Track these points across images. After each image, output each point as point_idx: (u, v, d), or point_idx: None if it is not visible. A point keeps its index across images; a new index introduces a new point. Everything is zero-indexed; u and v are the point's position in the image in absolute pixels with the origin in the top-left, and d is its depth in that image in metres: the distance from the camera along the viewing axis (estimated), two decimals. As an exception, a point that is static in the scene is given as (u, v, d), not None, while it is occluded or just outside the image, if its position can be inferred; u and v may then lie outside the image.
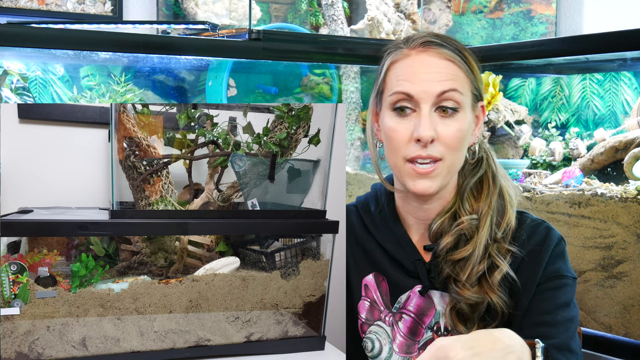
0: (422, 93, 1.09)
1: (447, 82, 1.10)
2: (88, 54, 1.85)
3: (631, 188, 1.77)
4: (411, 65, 1.12)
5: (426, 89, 1.09)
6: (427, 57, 1.12)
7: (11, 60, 1.90)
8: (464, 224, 1.14)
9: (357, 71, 2.49)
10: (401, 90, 1.10)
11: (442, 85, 1.09)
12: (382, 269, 1.22)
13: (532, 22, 2.59)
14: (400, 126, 1.11)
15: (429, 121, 1.09)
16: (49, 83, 2.03)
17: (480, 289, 1.11)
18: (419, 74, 1.10)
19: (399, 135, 1.11)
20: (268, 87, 2.42)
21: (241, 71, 2.29)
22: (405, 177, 1.12)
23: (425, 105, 1.09)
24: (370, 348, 1.21)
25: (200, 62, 2.15)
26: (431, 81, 1.09)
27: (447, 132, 1.09)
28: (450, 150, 1.10)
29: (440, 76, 1.10)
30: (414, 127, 1.09)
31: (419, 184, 1.11)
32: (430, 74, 1.10)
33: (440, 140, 1.09)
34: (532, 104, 2.55)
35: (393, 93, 1.12)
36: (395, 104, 1.12)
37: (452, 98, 1.10)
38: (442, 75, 1.10)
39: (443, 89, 1.09)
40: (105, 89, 2.05)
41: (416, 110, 1.10)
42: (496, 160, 1.22)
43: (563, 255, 1.15)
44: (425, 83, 1.09)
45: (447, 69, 1.11)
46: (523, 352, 0.94)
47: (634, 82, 2.31)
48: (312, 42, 2.10)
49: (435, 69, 1.10)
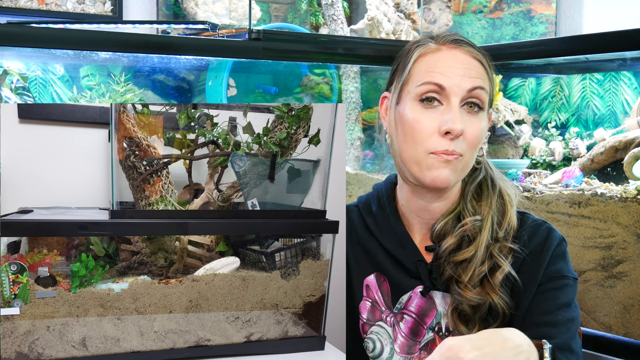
0: (454, 86, 1.10)
1: (477, 79, 1.12)
2: (88, 54, 1.85)
3: (631, 188, 1.77)
4: (444, 59, 1.13)
5: (459, 82, 1.10)
6: (459, 53, 1.14)
7: (11, 60, 1.90)
8: (467, 225, 1.14)
9: (357, 71, 2.49)
10: (433, 81, 1.11)
11: (473, 81, 1.11)
12: (384, 270, 1.22)
13: (532, 22, 2.59)
14: (425, 117, 1.11)
15: (460, 114, 1.10)
16: (49, 83, 2.03)
17: (482, 289, 1.11)
18: (452, 68, 1.12)
19: (423, 127, 1.10)
20: (268, 87, 2.42)
21: (241, 71, 2.29)
22: (426, 169, 1.11)
23: (456, 98, 1.10)
24: (372, 348, 1.21)
25: (200, 62, 2.15)
26: (463, 76, 1.11)
27: (472, 129, 1.11)
28: (470, 148, 1.11)
29: (472, 72, 1.12)
30: (442, 119, 1.10)
31: (439, 173, 1.10)
32: (462, 69, 1.12)
33: (465, 135, 1.10)
34: (532, 103, 2.55)
35: (423, 83, 1.12)
36: (423, 94, 1.12)
37: (480, 96, 1.12)
38: (473, 72, 1.12)
39: (474, 85, 1.11)
40: (105, 88, 2.05)
41: (443, 104, 1.11)
42: (491, 163, 1.23)
43: (564, 255, 1.15)
44: (458, 77, 1.11)
45: (477, 67, 1.13)
46: (531, 352, 0.94)
47: (634, 82, 2.31)
48: (312, 42, 2.10)
49: (468, 66, 1.12)
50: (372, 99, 2.54)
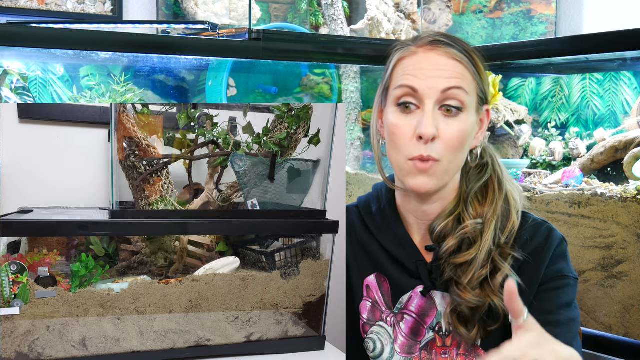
0: (427, 88, 1.09)
1: (453, 79, 1.10)
2: (88, 54, 1.85)
3: (631, 188, 1.77)
4: (418, 62, 1.12)
5: (431, 84, 1.09)
6: (434, 55, 1.12)
7: (11, 60, 1.90)
8: (468, 228, 1.13)
9: (357, 71, 2.49)
10: (406, 84, 1.11)
11: (448, 82, 1.09)
12: (384, 270, 1.22)
13: (532, 22, 2.59)
14: (403, 122, 1.11)
15: (432, 118, 1.08)
16: (49, 83, 2.03)
17: (482, 291, 1.11)
18: (425, 70, 1.11)
19: (401, 131, 1.11)
20: (268, 87, 2.42)
21: (241, 71, 2.29)
22: (406, 175, 1.12)
23: (429, 101, 1.09)
24: (372, 348, 1.21)
25: (200, 62, 2.15)
26: (437, 77, 1.10)
27: (448, 132, 1.09)
28: (449, 151, 1.10)
29: (447, 73, 1.10)
30: (417, 123, 1.09)
31: (417, 181, 1.10)
32: (436, 70, 1.11)
33: (441, 139, 1.09)
34: (532, 103, 2.55)
35: (398, 86, 1.12)
36: (399, 98, 1.12)
37: (457, 96, 1.10)
38: (449, 72, 1.10)
39: (448, 85, 1.09)
40: (105, 89, 2.05)
41: (420, 107, 1.10)
42: (502, 165, 1.22)
43: (565, 255, 1.15)
44: (431, 79, 1.10)
45: (454, 67, 1.11)
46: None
47: (634, 82, 2.31)
48: (312, 42, 2.10)
49: (442, 67, 1.11)
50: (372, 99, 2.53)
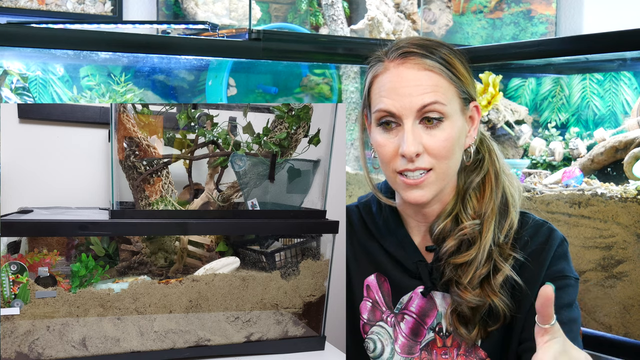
0: (402, 109, 1.08)
1: (428, 95, 1.08)
2: (88, 54, 1.85)
3: (631, 188, 1.77)
4: (390, 81, 1.10)
5: (406, 104, 1.08)
6: (405, 70, 1.10)
7: (11, 60, 1.90)
8: (466, 229, 1.13)
9: (357, 71, 2.49)
10: (382, 109, 1.10)
11: (423, 99, 1.08)
12: (384, 270, 1.22)
13: (532, 22, 2.59)
14: (387, 141, 1.11)
15: (412, 136, 1.08)
16: (49, 83, 2.03)
17: (482, 291, 1.11)
18: (399, 89, 1.09)
19: (386, 150, 1.11)
20: (268, 87, 2.42)
21: (241, 71, 2.29)
22: (398, 188, 1.13)
23: (408, 120, 1.08)
24: (372, 348, 1.21)
25: (200, 62, 2.15)
26: (411, 95, 1.08)
27: (433, 143, 1.09)
28: (440, 160, 1.10)
29: (420, 89, 1.08)
30: (399, 141, 1.09)
31: (411, 195, 1.11)
32: (409, 87, 1.08)
33: (428, 151, 1.09)
34: (532, 104, 2.55)
35: (376, 111, 1.12)
36: (379, 120, 1.12)
37: (435, 109, 1.08)
38: (422, 88, 1.08)
39: (423, 102, 1.08)
40: (105, 89, 2.05)
41: (400, 125, 1.10)
42: (501, 157, 1.21)
43: (566, 255, 1.15)
44: (405, 98, 1.08)
45: (428, 80, 1.09)
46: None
47: (634, 82, 2.31)
48: (312, 42, 2.10)
49: (414, 82, 1.09)
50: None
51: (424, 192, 1.10)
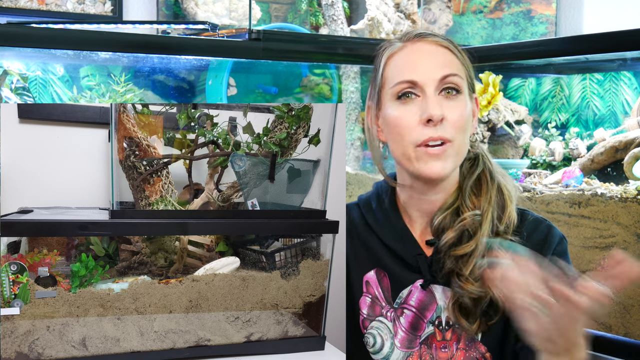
0: (425, 79, 1.12)
1: (446, 67, 1.13)
2: (88, 54, 1.85)
3: (631, 188, 1.77)
4: (410, 54, 1.15)
5: (429, 74, 1.12)
6: (424, 44, 1.15)
7: (11, 60, 1.90)
8: (467, 220, 1.14)
9: (357, 71, 2.49)
10: (405, 79, 1.13)
11: (443, 70, 1.12)
12: (384, 265, 1.22)
13: (532, 22, 2.59)
14: (406, 112, 1.13)
15: (437, 101, 1.11)
16: (49, 83, 2.03)
17: (483, 282, 1.11)
18: (419, 61, 1.14)
19: (404, 121, 1.12)
20: (268, 87, 2.42)
21: (241, 71, 2.29)
22: (417, 162, 1.12)
23: (430, 88, 1.12)
24: (372, 343, 1.21)
25: (200, 62, 2.15)
26: (433, 66, 1.13)
27: (453, 113, 1.12)
28: (458, 131, 1.12)
29: (440, 61, 1.13)
30: (422, 110, 1.11)
31: (433, 167, 1.11)
32: (430, 59, 1.14)
33: (449, 120, 1.11)
34: (532, 104, 2.55)
35: (397, 83, 1.14)
36: (399, 93, 1.14)
37: (453, 81, 1.13)
38: (441, 61, 1.14)
39: (444, 73, 1.12)
40: (105, 89, 2.05)
41: (420, 95, 1.12)
42: (491, 158, 1.24)
43: (565, 253, 1.15)
44: (427, 69, 1.12)
45: (444, 55, 1.15)
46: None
47: (634, 82, 2.30)
48: (312, 42, 2.10)
49: (434, 55, 1.14)
50: (372, 99, 2.53)
51: (445, 164, 1.11)
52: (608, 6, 2.42)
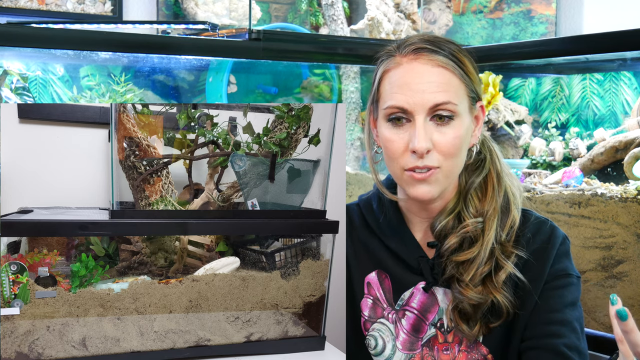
0: (414, 105, 1.08)
1: (440, 93, 1.08)
2: (88, 54, 1.85)
3: (631, 188, 1.77)
4: (403, 76, 1.10)
5: (419, 101, 1.08)
6: (418, 65, 1.10)
7: (11, 60, 1.90)
8: (469, 227, 1.13)
9: (357, 71, 2.49)
10: (395, 105, 1.10)
11: (435, 97, 1.08)
12: (385, 267, 1.22)
13: (532, 22, 2.59)
14: (396, 136, 1.11)
15: (424, 132, 1.08)
16: (49, 83, 2.03)
17: (485, 288, 1.11)
18: (412, 85, 1.09)
19: (395, 145, 1.11)
20: (268, 87, 2.42)
21: (241, 71, 2.29)
22: (405, 185, 1.12)
23: (419, 116, 1.08)
24: (374, 345, 1.21)
25: (200, 62, 2.15)
26: (424, 92, 1.08)
27: (443, 140, 1.09)
28: (447, 158, 1.10)
29: (433, 86, 1.08)
30: (410, 137, 1.09)
31: (418, 190, 1.10)
32: (422, 84, 1.08)
33: (437, 148, 1.09)
34: (532, 104, 2.55)
35: (387, 107, 1.11)
36: (389, 115, 1.11)
37: (447, 108, 1.09)
38: (434, 85, 1.08)
39: (436, 101, 1.08)
40: (105, 89, 2.05)
41: (411, 120, 1.10)
42: (501, 158, 1.21)
43: (568, 254, 1.15)
44: (418, 95, 1.08)
45: (440, 77, 1.09)
46: None
47: (634, 82, 2.31)
48: (312, 42, 2.10)
49: (427, 79, 1.09)
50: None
51: (431, 188, 1.10)
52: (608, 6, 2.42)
